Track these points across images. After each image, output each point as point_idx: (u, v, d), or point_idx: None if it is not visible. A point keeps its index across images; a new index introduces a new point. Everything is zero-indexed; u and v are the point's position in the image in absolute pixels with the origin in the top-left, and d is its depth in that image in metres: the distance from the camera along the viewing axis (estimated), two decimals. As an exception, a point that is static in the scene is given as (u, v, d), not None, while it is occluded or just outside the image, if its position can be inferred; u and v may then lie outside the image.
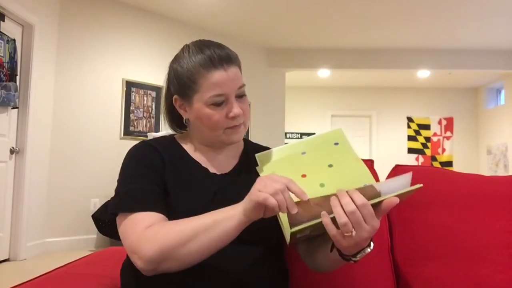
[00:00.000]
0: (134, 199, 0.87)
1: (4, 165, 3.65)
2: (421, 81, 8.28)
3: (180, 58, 0.94)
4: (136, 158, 0.94)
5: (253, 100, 6.31)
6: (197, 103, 0.92)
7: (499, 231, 1.07)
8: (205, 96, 0.90)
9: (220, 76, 0.90)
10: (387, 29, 5.72)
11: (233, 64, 0.93)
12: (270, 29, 5.80)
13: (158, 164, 0.93)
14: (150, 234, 0.80)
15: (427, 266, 1.07)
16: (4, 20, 3.55)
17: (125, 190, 0.89)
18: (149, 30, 5.04)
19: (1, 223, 3.60)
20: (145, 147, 0.96)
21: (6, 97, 3.47)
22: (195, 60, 0.91)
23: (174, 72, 0.95)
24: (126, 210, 0.86)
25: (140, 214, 0.84)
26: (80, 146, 4.38)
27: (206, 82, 0.90)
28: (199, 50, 0.93)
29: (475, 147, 8.88)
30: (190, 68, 0.91)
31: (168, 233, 0.79)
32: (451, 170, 1.26)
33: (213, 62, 0.90)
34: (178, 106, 0.98)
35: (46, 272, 1.07)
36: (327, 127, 9.11)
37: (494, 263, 1.04)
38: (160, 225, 0.82)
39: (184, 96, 0.94)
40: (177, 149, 1.00)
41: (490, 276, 1.03)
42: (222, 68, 0.90)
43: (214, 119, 0.91)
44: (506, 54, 6.48)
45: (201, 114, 0.92)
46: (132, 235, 0.82)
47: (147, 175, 0.91)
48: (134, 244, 0.81)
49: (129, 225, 0.84)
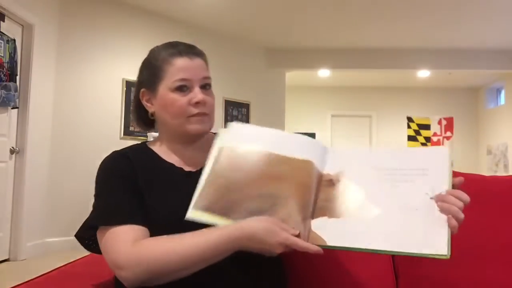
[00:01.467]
0: (112, 213, 0.87)
1: (4, 165, 3.65)
2: (421, 81, 8.28)
3: (150, 53, 1.01)
4: (109, 171, 0.94)
5: (253, 100, 6.32)
6: (162, 90, 0.95)
7: (499, 231, 1.07)
8: (169, 81, 0.94)
9: (184, 62, 0.94)
10: (387, 29, 5.72)
11: (199, 56, 0.98)
12: (270, 29, 5.80)
13: (131, 173, 0.92)
14: (136, 255, 0.80)
15: (427, 266, 1.07)
16: (4, 20, 3.55)
17: (103, 204, 0.89)
18: (149, 30, 5.04)
19: (1, 223, 3.60)
20: (116, 157, 0.96)
21: (6, 97, 3.47)
22: (163, 50, 0.97)
23: (143, 64, 1.00)
24: (105, 223, 0.86)
25: (121, 229, 0.84)
26: (80, 146, 4.37)
27: (171, 68, 0.94)
28: (168, 45, 0.99)
29: (475, 147, 8.88)
30: (157, 57, 0.97)
31: (156, 260, 0.79)
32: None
33: (179, 52, 0.95)
34: (146, 101, 1.00)
35: (46, 272, 1.07)
36: (327, 127, 9.12)
37: (495, 263, 1.04)
38: (146, 246, 0.81)
39: (151, 86, 0.97)
40: (149, 155, 0.99)
41: (491, 276, 1.03)
42: (187, 56, 0.95)
43: (177, 104, 0.93)
44: (506, 54, 6.47)
45: (165, 100, 0.94)
46: (116, 252, 0.82)
47: (121, 187, 0.90)
48: (119, 262, 0.81)
49: (111, 240, 0.84)
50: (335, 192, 0.83)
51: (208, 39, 5.79)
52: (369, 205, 0.79)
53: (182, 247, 0.79)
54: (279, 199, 0.80)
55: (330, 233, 0.78)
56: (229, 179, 0.83)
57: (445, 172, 0.79)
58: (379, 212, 0.78)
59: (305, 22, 5.52)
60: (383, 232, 0.76)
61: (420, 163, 0.81)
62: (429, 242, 0.73)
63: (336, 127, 9.16)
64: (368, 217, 0.78)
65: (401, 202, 0.78)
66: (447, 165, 0.80)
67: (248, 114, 6.24)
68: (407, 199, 0.78)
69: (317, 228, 0.79)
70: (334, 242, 0.77)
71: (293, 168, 0.84)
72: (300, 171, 0.84)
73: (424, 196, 0.77)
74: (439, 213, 0.75)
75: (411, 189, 0.79)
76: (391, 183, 0.80)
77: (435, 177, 0.79)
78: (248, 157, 0.86)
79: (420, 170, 0.80)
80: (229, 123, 0.93)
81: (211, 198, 0.81)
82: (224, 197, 0.81)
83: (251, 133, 0.91)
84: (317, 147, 0.88)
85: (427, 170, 0.80)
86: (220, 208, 0.80)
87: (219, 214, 0.80)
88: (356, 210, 0.80)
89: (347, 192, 0.82)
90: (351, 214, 0.79)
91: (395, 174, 0.82)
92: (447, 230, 0.74)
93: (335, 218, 0.79)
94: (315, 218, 0.80)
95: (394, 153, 0.85)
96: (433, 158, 0.81)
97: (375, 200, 0.80)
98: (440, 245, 0.72)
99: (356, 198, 0.81)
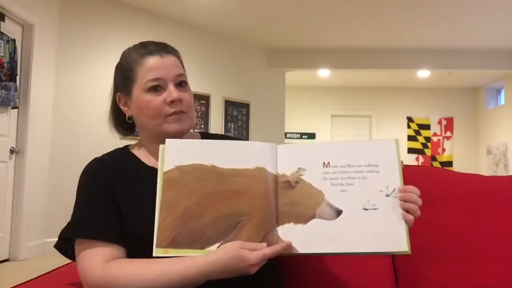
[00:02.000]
0: (87, 226, 0.86)
1: (4, 165, 3.65)
2: (421, 81, 8.28)
3: (122, 56, 0.99)
4: (87, 181, 0.93)
5: (253, 100, 6.32)
6: (137, 92, 0.93)
7: (499, 231, 1.07)
8: (142, 82, 0.92)
9: (155, 61, 0.92)
10: (387, 29, 5.72)
11: (171, 54, 0.96)
12: (270, 29, 5.80)
13: (107, 184, 0.91)
14: (104, 279, 0.80)
15: (427, 266, 1.07)
16: (4, 20, 3.55)
17: (79, 216, 0.89)
18: (149, 30, 5.04)
19: (1, 223, 3.60)
20: (94, 166, 0.95)
21: (6, 97, 3.47)
22: (134, 52, 0.95)
23: (116, 69, 0.99)
24: (79, 236, 0.86)
25: (93, 250, 0.84)
26: (80, 146, 4.37)
27: (142, 68, 0.92)
28: (139, 46, 0.97)
29: (475, 147, 8.88)
30: (128, 60, 0.95)
31: (123, 285, 0.79)
32: (451, 170, 1.26)
33: (150, 51, 0.93)
34: (122, 104, 0.98)
35: (46, 272, 1.07)
36: (327, 127, 9.12)
37: (495, 263, 1.04)
38: (114, 271, 0.81)
39: (125, 90, 0.96)
40: (129, 159, 0.98)
41: (491, 276, 1.03)
42: (158, 55, 0.93)
43: (152, 105, 0.91)
44: (506, 54, 6.48)
45: (140, 102, 0.92)
46: (86, 272, 0.82)
47: (97, 200, 0.89)
48: (88, 283, 0.81)
49: (82, 260, 0.84)
50: (295, 194, 0.81)
51: (208, 39, 5.79)
52: (331, 207, 0.80)
53: (148, 276, 0.78)
54: (241, 216, 0.79)
55: (299, 240, 0.78)
56: (184, 208, 0.79)
57: (395, 167, 0.81)
58: (341, 213, 0.79)
59: (305, 22, 5.52)
60: (349, 234, 0.78)
61: (370, 158, 0.82)
62: (390, 240, 0.77)
63: (336, 127, 9.16)
64: (332, 220, 0.79)
65: (359, 201, 0.79)
66: (396, 159, 0.81)
67: (248, 114, 6.24)
68: (364, 198, 0.79)
69: (284, 235, 0.79)
70: (305, 249, 0.78)
71: (246, 179, 0.80)
72: (254, 180, 0.80)
73: (379, 194, 0.79)
74: (395, 210, 0.78)
75: (366, 187, 0.80)
76: (346, 181, 0.81)
77: (386, 173, 0.81)
78: (197, 178, 0.81)
79: (372, 166, 0.81)
80: (167, 140, 0.84)
81: (170, 232, 0.78)
82: (185, 227, 0.78)
83: (192, 148, 0.84)
84: (265, 148, 0.84)
85: (378, 166, 0.81)
86: (184, 240, 0.77)
87: (185, 247, 0.77)
88: (319, 213, 0.80)
89: (306, 194, 0.81)
90: (315, 218, 0.79)
91: (348, 171, 0.82)
92: (404, 226, 0.78)
93: (301, 224, 0.79)
94: (280, 225, 0.80)
95: (344, 148, 0.85)
96: (381, 152, 0.82)
97: (335, 201, 0.80)
98: (400, 242, 0.77)
99: (317, 200, 0.80)
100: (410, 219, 0.78)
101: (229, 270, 0.75)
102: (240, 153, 0.83)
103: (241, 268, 0.75)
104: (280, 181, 0.82)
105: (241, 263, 0.75)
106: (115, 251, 0.85)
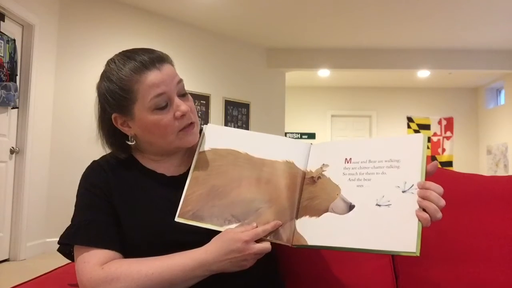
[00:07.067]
0: (85, 233, 0.86)
1: (4, 165, 3.65)
2: (421, 81, 8.28)
3: (108, 72, 0.87)
4: (86, 185, 0.91)
5: (253, 100, 6.32)
6: (140, 113, 0.85)
7: (499, 231, 1.07)
8: (145, 101, 0.84)
9: (155, 76, 0.84)
10: (387, 29, 5.72)
11: (166, 62, 0.87)
12: (270, 29, 5.80)
13: (106, 190, 0.89)
14: (107, 279, 0.79)
15: (427, 266, 1.07)
16: (4, 20, 3.55)
17: (77, 222, 0.88)
18: (149, 30, 5.04)
19: (1, 223, 3.60)
20: (94, 169, 0.94)
21: (6, 97, 3.47)
22: (125, 68, 0.84)
23: (105, 90, 0.88)
24: (77, 242, 0.86)
25: (91, 253, 0.83)
26: (80, 146, 4.37)
27: (142, 86, 0.83)
28: (126, 58, 0.86)
29: (475, 147, 8.88)
30: (122, 78, 0.84)
31: (124, 281, 0.79)
32: (451, 170, 1.26)
33: (144, 65, 0.84)
34: (120, 125, 0.90)
35: (46, 272, 1.07)
36: (327, 127, 9.12)
37: (495, 263, 1.04)
38: (118, 271, 0.80)
39: (124, 111, 0.87)
40: (129, 161, 0.95)
41: (491, 277, 1.03)
42: (155, 68, 0.84)
43: (162, 124, 0.85)
44: (506, 54, 6.48)
45: (147, 123, 0.85)
46: (85, 274, 0.81)
47: (96, 206, 0.88)
48: (91, 284, 0.81)
49: (81, 261, 0.84)
50: (315, 189, 0.83)
51: (208, 39, 5.79)
52: (344, 201, 0.80)
53: (148, 271, 0.79)
54: (262, 203, 0.82)
55: (310, 232, 0.79)
56: (211, 186, 0.84)
57: (417, 162, 0.77)
58: (353, 208, 0.78)
59: (305, 22, 5.52)
60: (357, 230, 0.76)
61: (392, 154, 0.80)
62: (398, 239, 0.72)
63: (336, 127, 9.16)
64: (343, 214, 0.79)
65: (374, 197, 0.77)
66: (420, 154, 0.78)
67: (248, 114, 6.24)
68: (379, 194, 0.77)
69: (301, 228, 0.80)
70: (313, 241, 0.78)
71: (273, 170, 0.85)
72: (280, 173, 0.85)
73: (395, 190, 0.76)
74: (410, 208, 0.74)
75: (383, 182, 0.78)
76: (364, 176, 0.80)
77: (406, 168, 0.77)
78: (230, 162, 0.87)
79: (392, 162, 0.79)
80: (205, 126, 0.93)
81: (194, 205, 0.83)
82: (208, 204, 0.83)
83: (230, 135, 0.92)
84: (298, 145, 0.89)
85: (399, 162, 0.79)
86: (205, 215, 0.82)
87: (205, 222, 0.82)
88: (332, 207, 0.80)
89: (325, 189, 0.82)
90: (328, 212, 0.80)
91: (367, 167, 0.81)
92: (417, 225, 0.72)
93: (315, 217, 0.80)
94: (299, 218, 0.81)
95: (371, 144, 0.84)
96: (406, 147, 0.80)
97: (350, 196, 0.80)
98: (409, 242, 0.71)
99: (333, 195, 0.81)
100: (425, 218, 0.71)
101: (225, 254, 0.77)
102: (272, 146, 0.89)
103: (236, 250, 0.76)
104: (306, 177, 0.85)
105: (235, 243, 0.77)
106: (113, 255, 0.85)
